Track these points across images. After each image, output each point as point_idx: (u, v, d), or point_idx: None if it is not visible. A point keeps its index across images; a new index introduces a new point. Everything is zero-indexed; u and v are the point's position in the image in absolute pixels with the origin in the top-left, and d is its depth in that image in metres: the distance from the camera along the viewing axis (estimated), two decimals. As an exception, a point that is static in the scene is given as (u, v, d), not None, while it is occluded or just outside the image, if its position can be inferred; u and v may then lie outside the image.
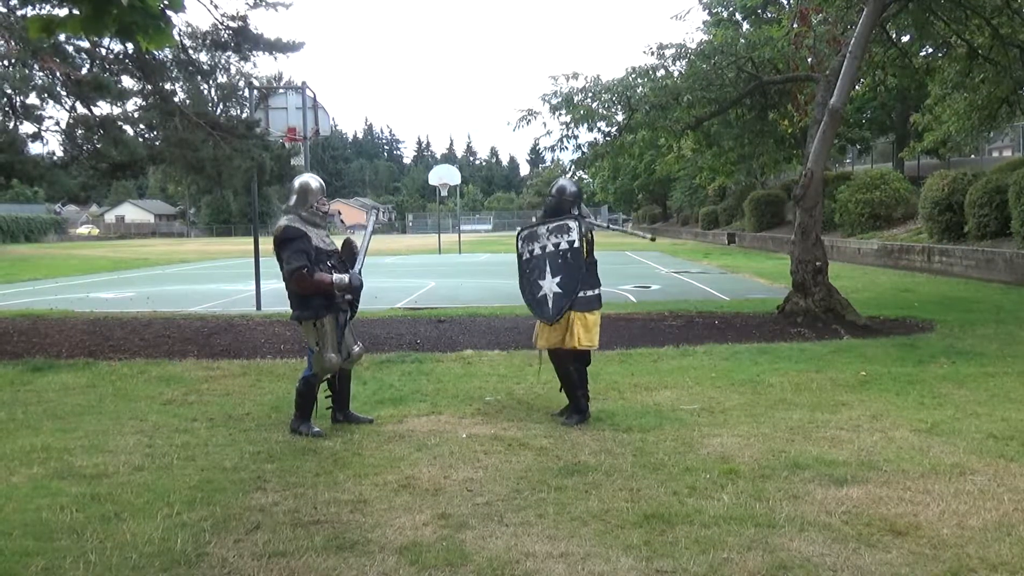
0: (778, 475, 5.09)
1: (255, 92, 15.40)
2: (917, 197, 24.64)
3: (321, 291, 6.18)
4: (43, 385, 8.39)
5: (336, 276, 6.19)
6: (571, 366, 6.63)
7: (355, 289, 6.34)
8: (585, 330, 6.56)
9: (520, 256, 6.86)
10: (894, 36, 15.08)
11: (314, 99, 15.23)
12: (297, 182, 6.50)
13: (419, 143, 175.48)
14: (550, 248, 6.62)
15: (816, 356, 9.26)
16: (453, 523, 4.37)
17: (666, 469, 5.25)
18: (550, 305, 6.56)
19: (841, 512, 4.45)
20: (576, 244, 6.55)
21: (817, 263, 11.86)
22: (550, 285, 6.57)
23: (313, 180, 6.51)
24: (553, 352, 6.68)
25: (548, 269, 6.59)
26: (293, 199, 6.39)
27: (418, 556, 3.95)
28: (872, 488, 4.83)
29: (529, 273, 6.74)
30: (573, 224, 6.61)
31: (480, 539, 4.16)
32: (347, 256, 6.54)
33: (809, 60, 14.10)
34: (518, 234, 6.99)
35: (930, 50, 16.73)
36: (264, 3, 13.07)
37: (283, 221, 6.35)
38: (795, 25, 14.11)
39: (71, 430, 6.48)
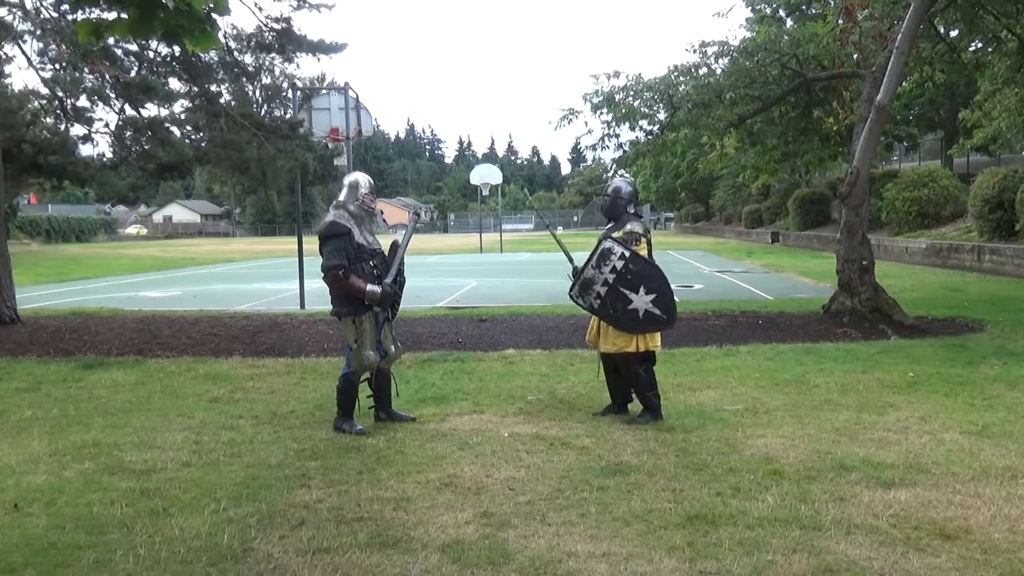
0: (824, 477, 5.02)
1: (298, 93, 15.55)
2: (966, 195, 24.17)
3: (352, 294, 6.24)
4: (94, 382, 8.55)
5: (369, 287, 6.22)
6: (639, 368, 6.55)
7: (386, 298, 6.31)
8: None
9: (597, 302, 6.51)
10: (942, 31, 14.79)
11: (356, 99, 15.34)
12: (348, 178, 6.62)
13: (460, 143, 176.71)
14: (612, 277, 6.41)
15: (862, 356, 9.12)
16: (495, 522, 4.38)
17: (709, 470, 5.20)
18: (659, 312, 6.43)
19: (889, 515, 4.38)
20: (627, 253, 6.44)
21: (863, 262, 11.69)
22: (642, 301, 6.38)
23: (363, 177, 6.61)
24: (618, 355, 6.59)
25: (630, 289, 6.38)
26: (343, 194, 6.48)
27: (460, 554, 3.96)
28: (921, 491, 4.74)
29: (616, 303, 6.45)
30: (608, 244, 6.47)
31: (522, 538, 4.16)
32: (391, 260, 6.58)
33: (855, 56, 13.88)
34: (572, 294, 6.68)
35: (979, 45, 16.38)
36: (307, 4, 13.22)
37: (330, 216, 6.45)
38: (840, 21, 13.91)
39: (121, 426, 6.61)
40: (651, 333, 6.53)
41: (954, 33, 15.38)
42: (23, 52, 12.96)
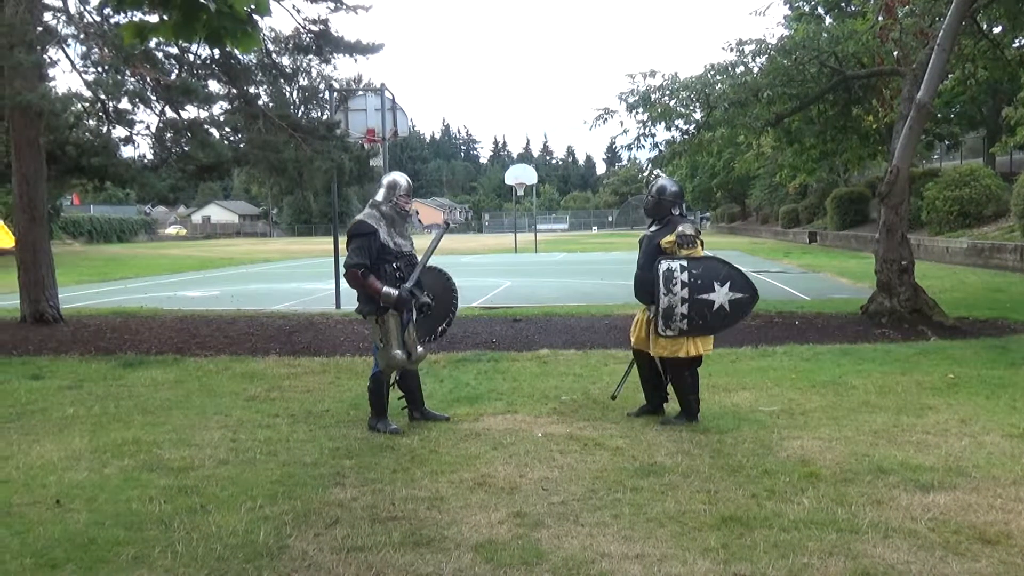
0: (861, 479, 4.96)
1: (335, 94, 15.68)
2: (1009, 194, 23.72)
3: (368, 293, 6.28)
4: (134, 380, 8.69)
5: (385, 289, 6.25)
6: (686, 371, 6.50)
7: (401, 302, 6.31)
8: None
9: (684, 323, 6.37)
10: (985, 27, 14.54)
11: (392, 100, 15.43)
12: (387, 177, 6.68)
13: (495, 143, 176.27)
14: (686, 292, 6.29)
15: (901, 358, 9.00)
16: (528, 522, 4.38)
17: (744, 471, 5.17)
18: (741, 294, 6.45)
19: (927, 519, 4.31)
20: (685, 263, 6.34)
21: (903, 262, 11.53)
22: (722, 295, 6.36)
23: (402, 178, 6.67)
24: (669, 360, 6.53)
25: (707, 292, 6.32)
26: (380, 193, 6.55)
27: (493, 554, 3.97)
28: (960, 495, 4.67)
29: (702, 311, 6.35)
30: (665, 266, 6.32)
31: (555, 538, 4.16)
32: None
33: (895, 54, 13.69)
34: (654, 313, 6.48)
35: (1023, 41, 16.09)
36: (344, 6, 13.31)
37: (360, 215, 6.53)
38: (880, 18, 13.72)
39: (160, 424, 6.71)
40: (733, 324, 6.60)
41: (997, 29, 15.11)
42: (67, 56, 13.18)
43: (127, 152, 14.20)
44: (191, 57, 13.17)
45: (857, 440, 5.83)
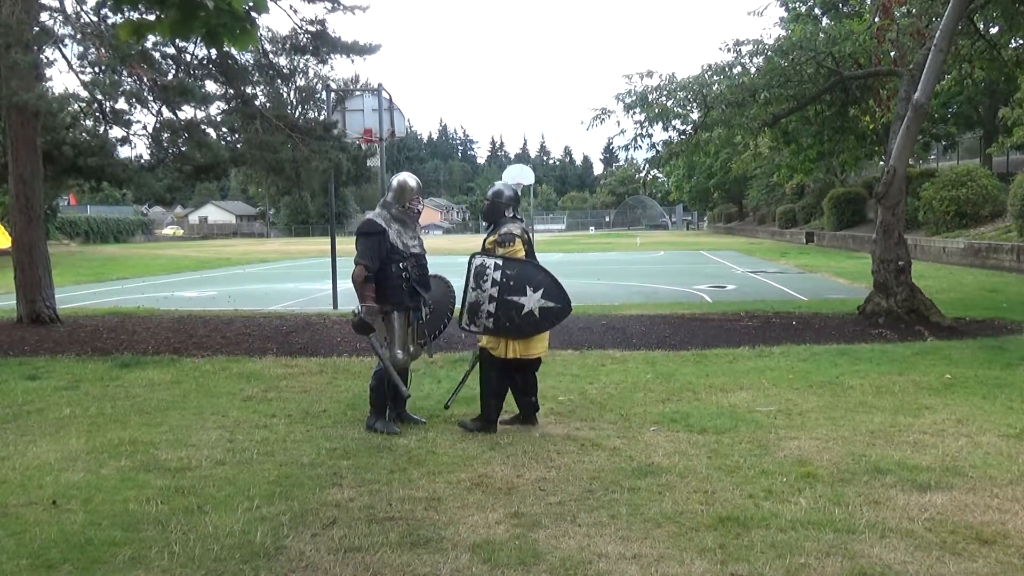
0: (858, 480, 4.97)
1: (332, 94, 15.67)
2: (1006, 194, 23.77)
3: (361, 295, 6.33)
4: (131, 380, 8.68)
5: (369, 304, 6.28)
6: (493, 372, 6.36)
7: (358, 328, 6.38)
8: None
9: (490, 321, 6.27)
10: (982, 28, 14.56)
11: (390, 101, 15.42)
12: (396, 179, 6.69)
13: (493, 143, 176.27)
14: (496, 291, 6.19)
15: (898, 358, 9.01)
16: (526, 522, 4.38)
17: (741, 471, 5.17)
18: (553, 304, 6.26)
19: (924, 519, 4.32)
20: (500, 262, 6.25)
21: (900, 262, 11.54)
22: (533, 300, 6.20)
23: (411, 179, 6.69)
24: (483, 351, 6.41)
25: (518, 294, 6.19)
26: (390, 194, 6.59)
27: (491, 554, 3.97)
28: (957, 495, 4.68)
29: (509, 312, 6.21)
30: (479, 261, 6.27)
31: (553, 538, 4.16)
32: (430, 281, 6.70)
33: (892, 54, 13.71)
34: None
35: (1020, 42, 16.10)
36: (341, 7, 13.30)
37: (370, 214, 6.61)
38: (877, 18, 13.74)
39: (157, 424, 6.70)
40: (544, 331, 6.40)
41: (994, 30, 15.13)
42: (64, 56, 13.17)
43: (124, 152, 14.14)
44: (188, 57, 13.15)
45: (854, 440, 5.83)
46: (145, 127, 14.07)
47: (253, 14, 3.21)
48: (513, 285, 6.22)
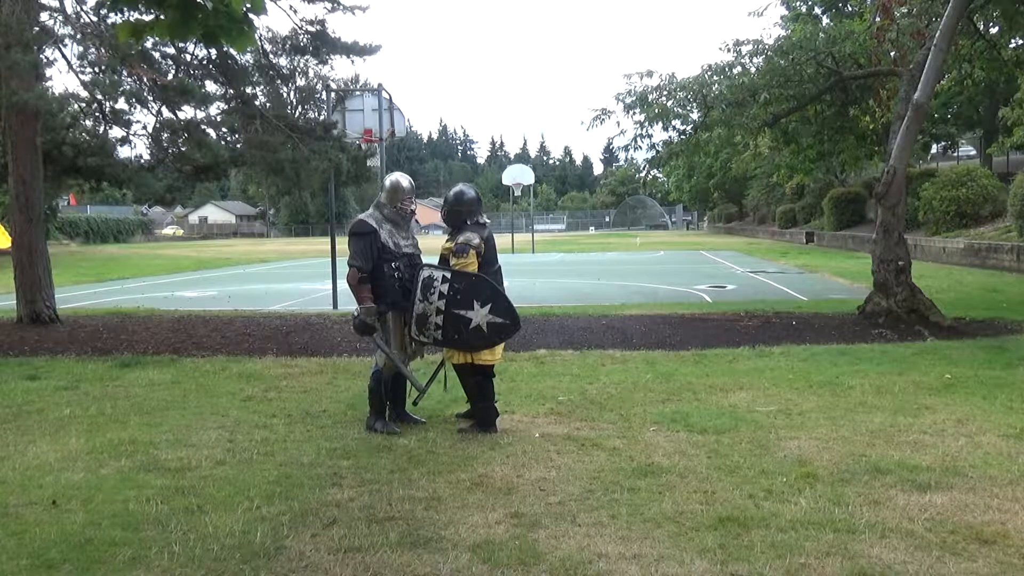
0: (858, 480, 4.97)
1: (332, 95, 15.67)
2: (1006, 194, 23.78)
3: (358, 297, 6.32)
4: (131, 380, 8.67)
5: (365, 305, 6.26)
6: (472, 380, 6.39)
7: (360, 329, 6.36)
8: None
9: (439, 333, 6.29)
10: (981, 28, 14.56)
11: (390, 101, 15.43)
12: (389, 179, 6.69)
13: (493, 143, 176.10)
14: (443, 303, 6.18)
15: (898, 358, 9.01)
16: (526, 522, 4.38)
17: (741, 472, 5.17)
18: (502, 319, 6.24)
19: (924, 519, 4.32)
20: (448, 275, 6.22)
21: (900, 262, 11.54)
22: (480, 315, 6.18)
23: (404, 179, 6.68)
24: (456, 366, 6.44)
25: (465, 308, 6.17)
26: (383, 195, 6.59)
27: (491, 554, 3.97)
28: (957, 495, 4.67)
29: (457, 325, 6.22)
30: (426, 273, 6.26)
31: (553, 538, 4.16)
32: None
33: (892, 54, 13.72)
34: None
35: (1020, 42, 16.11)
36: (341, 7, 13.31)
37: (362, 215, 6.59)
38: (877, 18, 13.75)
39: (156, 424, 6.70)
40: (499, 344, 6.38)
41: (994, 30, 15.13)
42: (64, 56, 13.19)
43: (124, 152, 14.15)
44: (188, 57, 13.16)
45: (854, 440, 5.83)
46: (145, 127, 14.08)
47: (251, 15, 3.22)
48: (460, 299, 6.18)
